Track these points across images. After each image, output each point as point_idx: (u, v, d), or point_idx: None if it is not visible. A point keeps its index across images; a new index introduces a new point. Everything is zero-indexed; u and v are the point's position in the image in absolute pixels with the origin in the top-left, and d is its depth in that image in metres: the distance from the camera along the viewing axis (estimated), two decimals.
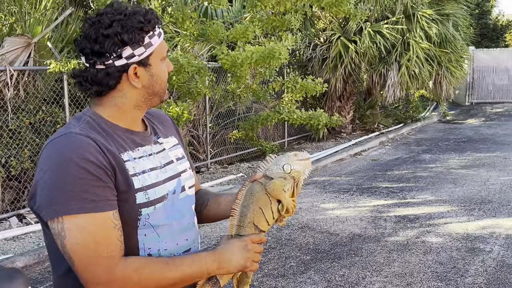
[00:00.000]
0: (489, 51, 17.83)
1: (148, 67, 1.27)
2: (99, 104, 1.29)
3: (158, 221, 1.28)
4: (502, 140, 10.78)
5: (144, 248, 1.27)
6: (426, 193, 6.45)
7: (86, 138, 1.20)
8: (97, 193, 1.16)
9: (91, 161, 1.16)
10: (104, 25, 1.21)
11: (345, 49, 9.60)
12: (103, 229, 1.16)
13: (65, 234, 1.14)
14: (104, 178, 1.18)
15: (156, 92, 1.31)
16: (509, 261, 4.11)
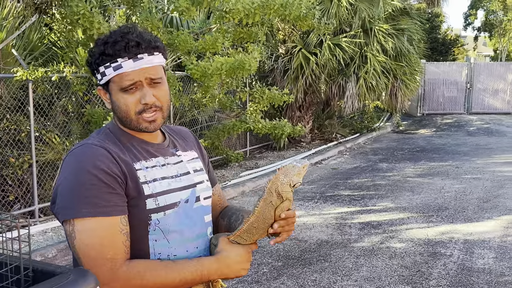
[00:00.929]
0: (439, 64, 18.65)
1: (109, 93, 1.38)
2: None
3: (168, 227, 1.36)
4: (453, 149, 11.30)
5: (154, 253, 1.35)
6: (386, 200, 6.71)
7: (101, 148, 1.32)
8: (107, 199, 1.26)
9: (103, 169, 1.27)
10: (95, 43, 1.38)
11: (306, 61, 9.85)
12: (110, 232, 1.26)
13: (75, 235, 1.24)
14: (114, 185, 1.28)
15: (120, 118, 1.39)
16: (469, 264, 4.37)
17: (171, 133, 1.55)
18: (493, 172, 8.56)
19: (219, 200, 1.66)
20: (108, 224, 1.26)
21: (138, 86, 1.34)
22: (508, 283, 3.96)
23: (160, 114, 1.38)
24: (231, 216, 1.58)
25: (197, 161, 1.54)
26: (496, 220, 5.71)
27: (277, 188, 1.35)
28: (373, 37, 10.15)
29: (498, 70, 18.21)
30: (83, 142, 1.36)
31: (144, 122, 1.37)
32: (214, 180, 1.63)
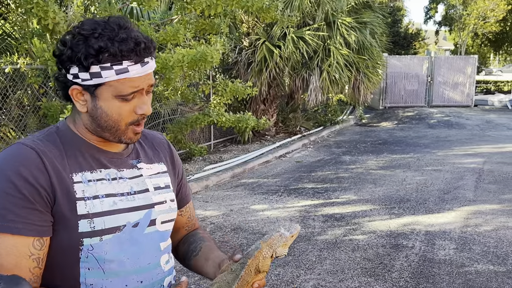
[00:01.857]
0: (401, 57, 18.94)
1: (94, 97, 1.14)
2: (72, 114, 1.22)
3: (104, 255, 1.14)
4: (414, 142, 11.50)
5: (85, 283, 1.14)
6: (349, 193, 6.75)
7: (31, 151, 1.10)
8: (20, 214, 1.04)
9: (24, 177, 1.06)
10: (72, 33, 1.12)
11: (269, 54, 9.79)
12: (14, 254, 1.04)
13: None
14: (35, 199, 1.07)
15: (102, 126, 1.16)
16: (430, 255, 4.42)
17: (141, 139, 1.34)
18: (453, 164, 8.74)
19: (186, 223, 1.46)
20: (13, 244, 1.04)
21: (137, 94, 1.15)
22: (468, 273, 4.02)
23: (143, 124, 1.21)
24: (191, 244, 1.41)
25: (163, 176, 1.31)
26: (456, 211, 5.81)
27: (258, 264, 1.19)
28: (336, 30, 10.18)
29: (458, 64, 18.64)
30: (19, 141, 1.15)
31: (131, 133, 1.18)
32: (185, 199, 1.44)
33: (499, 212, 5.76)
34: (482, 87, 24.32)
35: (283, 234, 1.21)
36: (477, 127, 14.23)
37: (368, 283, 3.85)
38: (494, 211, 5.80)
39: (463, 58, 19.31)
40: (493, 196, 6.49)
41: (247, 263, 1.18)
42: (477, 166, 8.52)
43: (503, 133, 12.95)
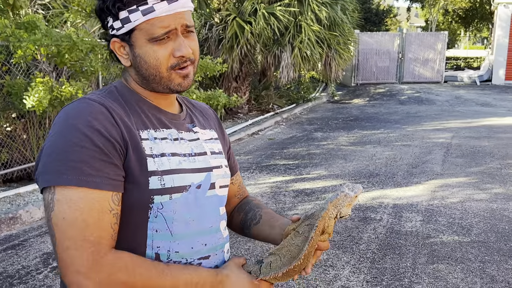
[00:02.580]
0: (372, 34, 19.01)
1: (132, 45, 1.11)
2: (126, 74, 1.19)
3: (173, 214, 1.11)
4: (385, 118, 11.63)
5: (152, 245, 1.10)
6: (320, 168, 6.80)
7: (99, 105, 1.06)
8: (97, 167, 1.00)
9: (98, 130, 1.02)
10: None
11: (240, 30, 9.69)
12: (97, 209, 0.99)
13: (53, 206, 0.98)
14: (110, 152, 1.02)
15: (147, 77, 1.13)
16: (397, 227, 4.50)
17: (190, 106, 1.31)
18: (422, 138, 8.88)
19: (238, 191, 1.44)
20: (95, 198, 0.99)
21: (172, 35, 1.10)
22: (433, 244, 4.11)
23: (192, 69, 1.15)
24: (248, 212, 1.39)
25: (216, 142, 1.29)
26: (424, 184, 5.92)
27: (324, 225, 1.17)
28: (307, 6, 10.11)
29: (428, 40, 18.81)
30: (84, 96, 1.10)
31: (178, 77, 1.13)
32: (235, 168, 1.42)
33: (465, 184, 5.89)
34: (452, 63, 24.67)
35: (348, 194, 1.18)
36: (446, 102, 14.46)
37: (336, 255, 3.90)
38: (460, 184, 5.93)
39: (434, 34, 19.49)
40: (460, 169, 6.63)
41: (316, 224, 1.15)
42: (445, 140, 8.67)
43: (471, 108, 13.19)
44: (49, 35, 5.08)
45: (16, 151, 6.21)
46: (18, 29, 5.20)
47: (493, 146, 8.09)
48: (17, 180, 6.17)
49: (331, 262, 3.78)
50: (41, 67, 6.30)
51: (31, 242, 4.28)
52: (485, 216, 4.78)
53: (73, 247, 0.96)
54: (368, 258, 3.84)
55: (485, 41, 31.95)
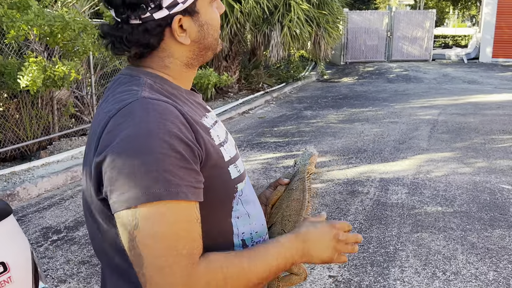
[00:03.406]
0: (361, 13, 19.06)
1: (195, 15, 1.00)
2: (147, 64, 1.04)
3: (247, 197, 1.07)
4: (374, 96, 11.78)
5: (238, 233, 1.05)
6: (309, 145, 6.94)
7: (166, 104, 0.93)
8: (181, 176, 0.88)
9: (175, 134, 0.89)
10: None
11: (230, 9, 9.72)
12: (185, 220, 0.89)
13: (138, 224, 0.86)
14: (191, 157, 0.91)
15: (209, 45, 1.05)
16: (383, 200, 4.68)
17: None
18: (409, 115, 9.06)
19: None
20: (182, 210, 0.89)
21: None
22: (417, 214, 4.30)
23: None
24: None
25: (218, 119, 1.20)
26: (410, 159, 6.10)
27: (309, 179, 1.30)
28: None
29: (417, 18, 18.91)
30: (130, 97, 0.94)
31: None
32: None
33: (450, 159, 6.08)
34: (441, 41, 24.80)
35: (315, 153, 1.34)
36: (434, 80, 14.63)
37: None
38: (445, 158, 6.12)
39: (422, 12, 19.57)
40: (445, 144, 6.82)
41: (305, 176, 1.27)
42: (432, 117, 8.85)
43: (458, 86, 13.37)
44: (41, 15, 5.13)
45: (9, 130, 6.28)
46: (10, 9, 5.23)
47: (478, 122, 8.29)
48: (11, 159, 6.26)
49: None
50: (32, 47, 6.34)
51: (30, 217, 4.41)
52: (468, 188, 4.98)
53: (166, 264, 0.86)
54: (355, 228, 4.02)
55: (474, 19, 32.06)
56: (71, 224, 4.26)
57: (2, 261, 1.23)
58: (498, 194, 4.80)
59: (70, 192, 5.15)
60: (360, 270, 3.34)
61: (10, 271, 1.25)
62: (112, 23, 1.01)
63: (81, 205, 4.68)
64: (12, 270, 1.26)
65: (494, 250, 3.60)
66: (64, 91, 7.04)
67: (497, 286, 3.12)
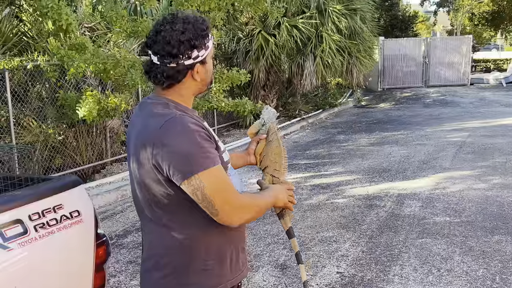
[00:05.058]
0: (397, 40, 19.50)
1: (205, 64, 1.61)
2: (167, 94, 1.62)
3: (231, 171, 1.74)
4: (407, 120, 12.15)
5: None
6: (337, 166, 7.47)
7: (189, 118, 1.54)
8: (213, 152, 1.53)
9: (203, 131, 1.53)
10: (179, 32, 1.54)
11: (265, 42, 10.48)
12: (224, 174, 1.55)
13: (204, 184, 1.48)
14: (213, 141, 1.56)
15: (208, 82, 1.67)
16: (397, 212, 5.15)
17: None
18: (438, 138, 9.41)
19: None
20: (220, 169, 1.54)
21: None
22: (426, 224, 4.74)
23: None
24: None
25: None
26: (430, 177, 6.51)
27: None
28: (327, 18, 10.82)
29: (453, 44, 19.16)
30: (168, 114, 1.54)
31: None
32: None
33: (468, 177, 6.45)
34: (482, 65, 24.75)
35: (275, 111, 1.98)
36: (470, 104, 14.82)
37: (340, 233, 4.59)
38: (464, 176, 6.49)
39: (458, 38, 19.83)
40: (467, 164, 7.17)
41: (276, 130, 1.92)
42: (460, 139, 9.17)
43: (494, 109, 13.53)
44: (96, 55, 5.97)
45: (68, 156, 7.13)
46: (70, 50, 6.12)
47: (504, 143, 8.55)
48: None
49: (335, 238, 4.47)
50: (89, 82, 7.24)
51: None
52: (479, 201, 5.36)
53: (229, 198, 1.53)
54: (367, 235, 4.51)
55: None
56: (121, 233, 4.95)
57: (77, 209, 1.92)
58: (506, 206, 5.16)
59: (120, 207, 5.87)
60: (364, 268, 3.83)
61: (81, 215, 1.96)
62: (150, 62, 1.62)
63: (129, 218, 5.38)
64: (83, 215, 1.97)
65: (489, 252, 4.01)
66: (116, 121, 7.88)
67: (483, 280, 3.54)
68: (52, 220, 1.87)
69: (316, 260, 4.02)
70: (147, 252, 1.67)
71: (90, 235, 2.03)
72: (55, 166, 6.90)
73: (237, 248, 1.72)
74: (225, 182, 1.54)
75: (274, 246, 4.37)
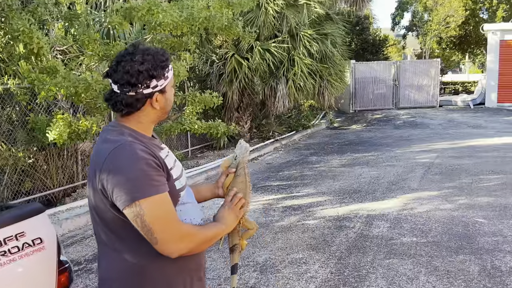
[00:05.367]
0: (368, 63, 19.96)
1: (164, 93, 1.68)
2: (126, 120, 1.69)
3: (186, 200, 1.76)
4: (378, 142, 12.39)
5: (181, 219, 1.67)
6: (309, 187, 7.56)
7: (139, 145, 1.60)
8: (157, 179, 1.56)
9: (151, 159, 1.58)
10: (138, 63, 1.61)
11: (239, 65, 10.62)
12: (167, 202, 1.58)
13: (144, 211, 1.52)
14: (159, 169, 1.59)
15: (167, 111, 1.74)
16: (366, 232, 5.24)
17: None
18: (407, 159, 9.62)
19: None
20: (165, 197, 1.57)
21: None
22: (393, 244, 4.84)
23: None
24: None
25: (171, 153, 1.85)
26: (399, 198, 6.65)
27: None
28: (299, 42, 11.05)
29: (422, 67, 19.71)
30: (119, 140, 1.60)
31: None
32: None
33: (435, 197, 6.61)
34: (451, 88, 25.45)
35: (248, 147, 2.01)
36: (439, 126, 15.19)
37: (310, 255, 4.65)
38: (431, 196, 6.65)
39: (427, 61, 20.40)
40: (435, 185, 7.35)
41: (245, 165, 1.97)
42: (429, 160, 9.40)
43: (462, 131, 13.90)
44: (67, 78, 5.98)
45: (38, 180, 7.06)
46: (41, 73, 6.11)
47: (471, 164, 8.80)
48: None
49: (304, 260, 4.53)
50: (60, 104, 7.21)
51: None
52: (445, 222, 5.50)
53: (168, 228, 1.55)
54: (336, 256, 4.58)
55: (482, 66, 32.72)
56: (90, 257, 4.91)
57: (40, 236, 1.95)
58: (470, 226, 5.31)
59: (90, 231, 5.82)
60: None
61: (43, 243, 1.98)
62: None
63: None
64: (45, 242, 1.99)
65: (453, 271, 4.12)
66: (88, 143, 7.84)
67: None
68: (14, 247, 1.90)
69: (285, 283, 4.06)
70: (101, 275, 1.70)
71: (53, 262, 2.07)
72: (25, 189, 6.82)
73: (192, 278, 1.74)
74: (167, 210, 1.57)
75: (245, 269, 4.40)
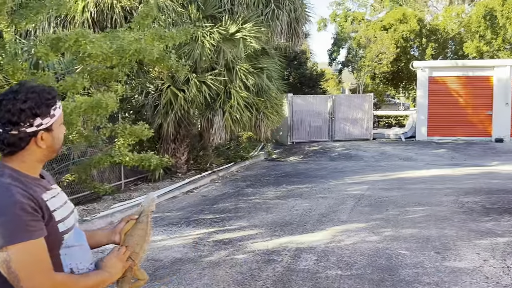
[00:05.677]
0: (305, 97, 20.51)
1: (51, 131, 1.65)
2: (9, 160, 1.64)
3: (72, 242, 1.71)
4: (313, 174, 12.62)
5: (66, 265, 1.67)
6: (242, 220, 7.55)
7: (16, 187, 1.56)
8: (31, 224, 1.52)
9: (25, 202, 1.53)
10: (21, 101, 1.58)
11: (174, 97, 10.60)
12: (41, 249, 1.53)
13: (11, 257, 1.48)
14: (36, 213, 1.55)
15: (56, 149, 1.72)
16: (293, 266, 5.27)
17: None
18: (339, 191, 9.84)
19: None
20: (37, 243, 1.53)
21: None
22: (319, 278, 4.89)
23: None
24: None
25: (62, 193, 1.82)
26: (328, 230, 6.76)
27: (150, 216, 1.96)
28: (235, 75, 11.21)
29: (356, 102, 20.47)
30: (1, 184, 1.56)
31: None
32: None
33: (362, 229, 6.77)
34: (385, 121, 26.49)
35: (155, 198, 2.01)
36: (372, 158, 15.70)
37: None
38: (359, 228, 6.81)
39: (361, 96, 21.21)
40: (363, 217, 7.53)
41: (149, 214, 1.94)
42: (360, 192, 9.65)
43: (393, 163, 14.42)
44: None
45: None
46: None
47: (399, 196, 9.11)
48: None
49: None
50: None
51: None
52: (369, 254, 5.63)
53: (36, 276, 1.50)
54: None
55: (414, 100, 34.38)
56: None
57: None
58: (393, 258, 5.46)
59: None
60: None
61: None
62: None
63: None
64: None
65: None
66: None
67: None
68: None
69: None
70: None
71: None
72: None
73: None
74: (38, 258, 1.52)
75: None
